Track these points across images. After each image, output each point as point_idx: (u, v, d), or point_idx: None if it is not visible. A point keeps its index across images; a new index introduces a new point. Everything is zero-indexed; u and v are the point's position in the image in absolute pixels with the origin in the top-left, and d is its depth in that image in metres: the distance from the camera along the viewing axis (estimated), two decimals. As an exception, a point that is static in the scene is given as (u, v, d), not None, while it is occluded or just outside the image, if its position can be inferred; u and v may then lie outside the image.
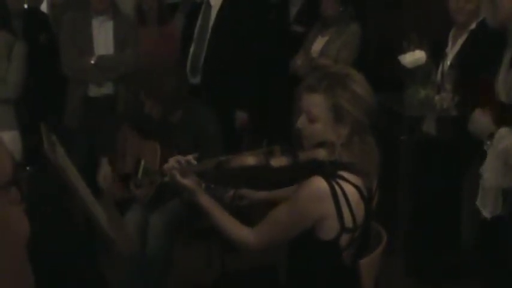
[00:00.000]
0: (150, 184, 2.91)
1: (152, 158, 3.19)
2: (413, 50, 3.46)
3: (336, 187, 2.04)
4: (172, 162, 2.37)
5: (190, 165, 2.36)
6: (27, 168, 1.35)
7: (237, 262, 3.20)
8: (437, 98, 3.43)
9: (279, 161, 2.09)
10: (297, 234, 2.10)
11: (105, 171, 3.38)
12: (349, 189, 2.06)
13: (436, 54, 3.55)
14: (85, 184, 2.21)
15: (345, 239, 2.10)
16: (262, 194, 2.58)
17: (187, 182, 2.28)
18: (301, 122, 2.13)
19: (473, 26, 3.55)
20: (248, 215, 2.92)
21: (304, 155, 2.11)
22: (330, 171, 2.07)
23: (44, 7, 5.87)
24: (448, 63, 3.53)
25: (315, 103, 2.08)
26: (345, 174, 2.07)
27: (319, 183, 2.03)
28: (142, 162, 3.23)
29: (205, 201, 2.25)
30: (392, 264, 3.25)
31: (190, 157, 2.40)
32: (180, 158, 2.38)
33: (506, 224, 2.75)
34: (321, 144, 2.10)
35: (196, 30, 4.30)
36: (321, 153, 2.10)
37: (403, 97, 3.57)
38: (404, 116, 3.60)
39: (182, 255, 3.53)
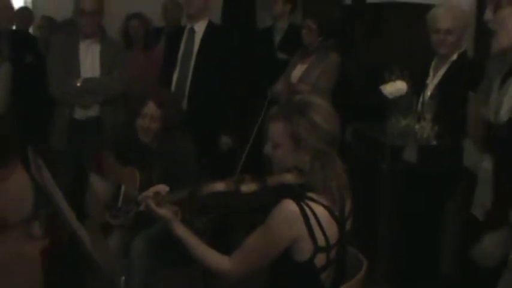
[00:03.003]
0: (126, 214, 2.92)
1: (132, 184, 3.21)
2: (394, 81, 3.52)
3: (306, 208, 2.10)
4: (150, 192, 2.42)
5: (165, 195, 2.40)
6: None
7: (219, 286, 3.21)
8: (417, 127, 3.50)
9: (248, 187, 2.17)
10: (273, 258, 2.14)
11: (100, 183, 3.37)
12: (319, 209, 2.12)
13: (417, 84, 3.62)
14: (69, 206, 2.24)
15: (320, 259, 2.15)
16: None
17: (163, 211, 2.30)
18: (266, 148, 2.22)
19: (454, 57, 3.63)
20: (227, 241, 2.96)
21: (273, 180, 2.18)
22: (298, 193, 2.14)
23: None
24: (429, 93, 3.61)
25: (276, 130, 2.17)
26: (314, 195, 2.14)
27: (289, 206, 2.09)
28: (123, 188, 3.25)
29: (181, 231, 2.28)
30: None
31: (166, 188, 2.44)
32: (160, 188, 2.42)
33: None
34: (289, 169, 2.17)
35: (179, 55, 4.30)
36: (289, 177, 2.16)
37: (385, 126, 3.63)
38: (386, 145, 3.66)
39: (164, 279, 3.53)
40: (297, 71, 4.38)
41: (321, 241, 2.12)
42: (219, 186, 2.21)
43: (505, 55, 2.59)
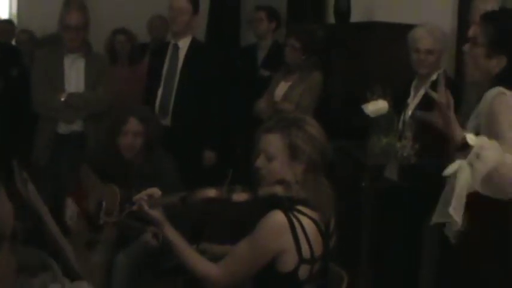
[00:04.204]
0: (120, 212, 2.96)
1: (112, 201, 3.22)
2: (376, 100, 3.57)
3: (294, 220, 2.16)
4: (143, 194, 2.45)
5: (158, 198, 2.45)
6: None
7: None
8: (398, 145, 3.54)
9: (239, 196, 2.24)
10: (259, 268, 2.19)
11: (71, 210, 3.40)
12: (306, 222, 2.19)
13: (398, 103, 3.67)
14: (54, 221, 2.25)
15: (303, 271, 2.19)
16: (223, 248, 2.64)
17: (155, 213, 2.35)
18: (259, 161, 2.27)
19: (434, 77, 3.69)
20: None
21: (263, 191, 2.25)
22: (287, 205, 2.20)
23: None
24: (410, 112, 3.66)
25: (272, 142, 2.24)
26: (302, 208, 2.20)
27: (278, 217, 2.16)
28: (104, 205, 3.27)
29: (171, 234, 2.32)
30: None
31: (159, 191, 2.48)
32: (153, 191, 2.46)
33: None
34: (279, 182, 2.23)
35: (164, 72, 4.34)
36: (279, 190, 2.23)
37: (366, 145, 3.67)
38: (367, 163, 3.70)
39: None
40: (280, 89, 4.42)
41: (306, 253, 2.18)
42: (211, 193, 2.27)
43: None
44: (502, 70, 2.48)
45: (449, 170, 2.45)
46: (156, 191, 2.42)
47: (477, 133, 2.46)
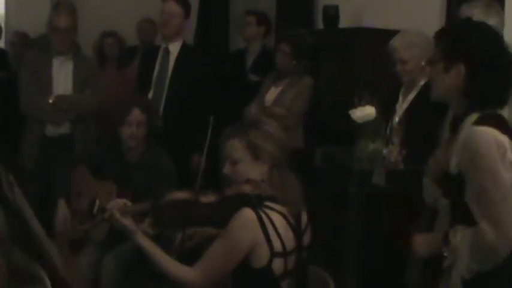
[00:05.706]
0: (92, 220, 2.97)
1: (108, 199, 3.22)
2: (363, 106, 3.58)
3: (263, 215, 2.22)
4: (114, 202, 2.48)
5: (129, 206, 2.47)
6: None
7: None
8: (385, 151, 3.55)
9: (208, 198, 2.33)
10: (234, 265, 2.23)
11: (63, 212, 3.40)
12: (275, 216, 2.25)
13: (386, 109, 3.69)
14: (39, 224, 2.24)
15: (277, 265, 2.24)
16: (209, 230, 2.65)
17: (127, 221, 2.39)
18: (226, 168, 2.34)
19: (422, 82, 3.70)
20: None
21: (231, 191, 2.32)
22: (255, 202, 2.26)
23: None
24: (397, 119, 3.68)
25: (233, 147, 2.31)
26: (270, 204, 2.27)
27: (247, 213, 2.21)
28: (97, 202, 3.26)
29: (143, 241, 2.36)
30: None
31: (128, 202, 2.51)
32: (123, 200, 2.49)
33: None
34: (247, 182, 2.29)
35: (154, 75, 4.35)
36: (247, 188, 2.29)
37: (353, 150, 3.68)
38: (354, 169, 3.70)
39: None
40: (271, 94, 4.44)
41: (277, 246, 2.23)
42: (180, 195, 2.36)
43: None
44: (464, 84, 2.38)
45: None
46: (125, 201, 2.47)
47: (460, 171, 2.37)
